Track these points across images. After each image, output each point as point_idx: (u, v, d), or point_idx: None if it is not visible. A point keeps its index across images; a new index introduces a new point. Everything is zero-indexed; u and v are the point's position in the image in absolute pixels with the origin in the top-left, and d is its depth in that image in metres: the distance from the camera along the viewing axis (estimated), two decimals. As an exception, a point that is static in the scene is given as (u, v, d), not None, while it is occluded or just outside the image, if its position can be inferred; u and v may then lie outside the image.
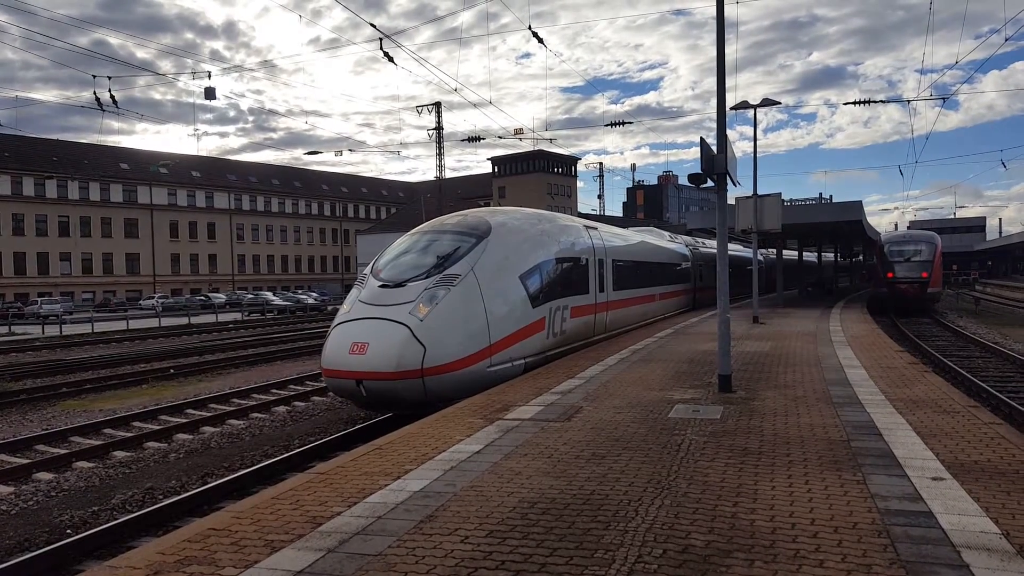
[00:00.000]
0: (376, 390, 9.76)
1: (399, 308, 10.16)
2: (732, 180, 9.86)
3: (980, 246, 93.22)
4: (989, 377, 15.39)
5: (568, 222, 15.72)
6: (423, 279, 10.72)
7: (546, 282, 12.67)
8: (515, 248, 12.29)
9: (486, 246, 11.57)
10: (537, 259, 12.58)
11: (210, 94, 27.91)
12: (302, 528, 4.60)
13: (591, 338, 15.52)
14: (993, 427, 6.83)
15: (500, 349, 10.92)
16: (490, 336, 10.69)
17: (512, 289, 11.65)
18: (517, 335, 11.45)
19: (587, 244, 15.40)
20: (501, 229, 12.33)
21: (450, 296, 10.40)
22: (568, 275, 13.92)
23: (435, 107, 57.91)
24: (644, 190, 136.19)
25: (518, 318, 11.56)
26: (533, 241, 13.05)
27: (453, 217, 13.41)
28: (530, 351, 11.97)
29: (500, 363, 10.94)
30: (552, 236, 13.90)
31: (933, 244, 31.27)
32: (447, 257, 11.23)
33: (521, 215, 14.05)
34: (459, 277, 10.75)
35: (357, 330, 10.14)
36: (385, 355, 9.63)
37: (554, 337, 12.99)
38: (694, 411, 7.89)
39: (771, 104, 22.13)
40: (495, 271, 11.35)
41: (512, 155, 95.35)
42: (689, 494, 5.03)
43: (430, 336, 9.81)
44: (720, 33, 9.49)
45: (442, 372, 9.83)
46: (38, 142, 70.81)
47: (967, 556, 3.85)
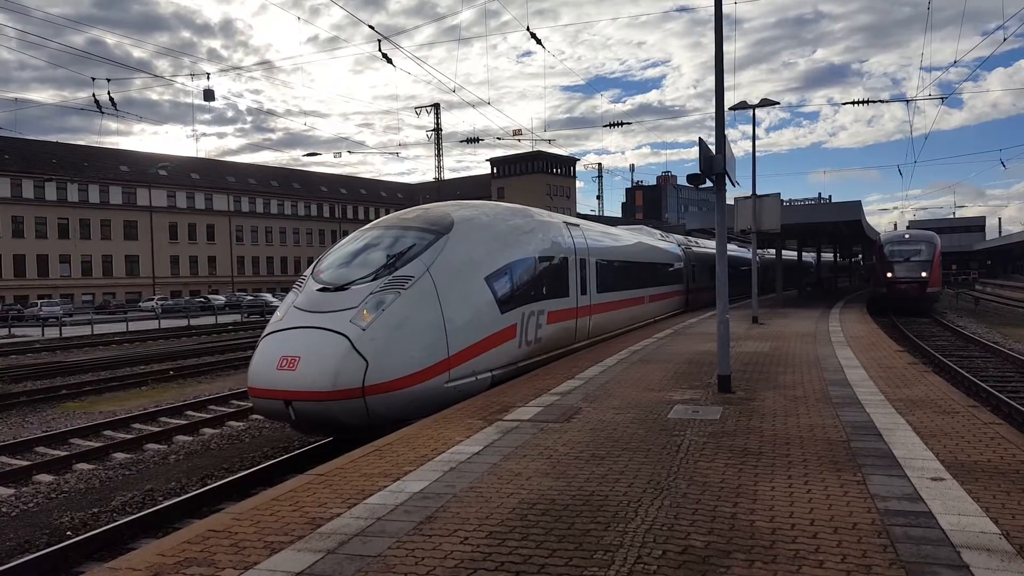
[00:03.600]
0: (308, 412, 8.49)
1: (339, 315, 8.88)
2: (731, 180, 9.86)
3: (979, 246, 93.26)
4: (989, 377, 15.39)
5: (546, 218, 14.49)
6: (369, 281, 9.43)
7: (518, 284, 11.45)
8: (481, 246, 11.07)
9: (446, 244, 10.28)
10: (507, 259, 11.35)
11: (209, 96, 27.93)
12: (301, 529, 4.60)
13: (572, 345, 14.45)
14: (993, 427, 6.83)
15: (461, 361, 9.65)
16: (448, 347, 9.42)
17: (476, 292, 10.39)
18: (482, 345, 10.19)
19: (567, 243, 14.27)
20: (465, 225, 11.12)
21: (400, 301, 9.13)
22: (545, 276, 12.74)
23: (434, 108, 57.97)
24: (643, 191, 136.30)
25: (483, 325, 10.31)
26: (503, 239, 11.84)
27: (413, 211, 12.13)
28: (499, 362, 10.73)
29: (461, 377, 9.67)
30: (526, 233, 12.77)
31: (932, 244, 31.29)
32: (399, 256, 9.94)
33: (490, 209, 12.87)
34: (411, 279, 9.47)
35: (287, 342, 8.81)
36: (319, 371, 8.32)
37: (528, 345, 11.81)
38: (693, 412, 7.89)
39: (770, 104, 22.12)
40: (456, 272, 10.11)
41: (511, 156, 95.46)
42: (688, 495, 5.03)
43: (374, 348, 8.55)
44: (718, 34, 9.50)
45: (388, 390, 8.56)
46: (37, 144, 70.81)
47: (967, 556, 3.84)
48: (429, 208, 12.16)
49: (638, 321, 20.26)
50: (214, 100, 28.34)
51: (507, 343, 10.95)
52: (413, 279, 9.48)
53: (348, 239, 11.31)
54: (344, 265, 10.15)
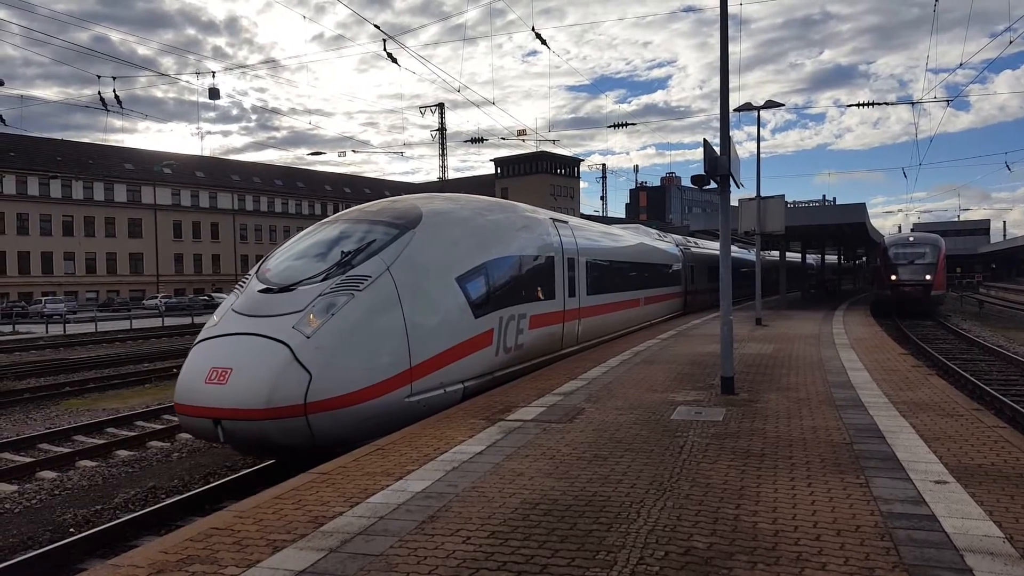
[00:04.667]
0: (239, 433, 7.44)
1: (280, 320, 7.89)
2: (735, 182, 9.85)
3: (984, 249, 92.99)
4: (993, 380, 15.35)
5: (530, 214, 13.52)
6: (319, 282, 8.47)
7: (495, 286, 10.50)
8: (453, 243, 10.07)
9: (411, 239, 9.30)
10: (483, 257, 10.38)
11: (214, 94, 27.96)
12: (304, 528, 4.60)
13: (559, 352, 13.46)
14: (997, 430, 6.81)
15: (426, 372, 8.68)
16: (411, 356, 8.43)
17: (446, 294, 9.42)
18: (452, 353, 9.21)
19: (554, 241, 13.35)
20: (435, 219, 10.12)
21: (353, 304, 8.15)
22: (527, 277, 11.80)
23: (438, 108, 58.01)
24: (647, 192, 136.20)
25: (454, 331, 9.34)
26: (479, 235, 10.91)
27: (380, 203, 11.13)
28: (472, 372, 9.75)
29: (426, 390, 8.69)
30: (506, 229, 11.87)
31: (937, 247, 31.22)
32: (356, 253, 8.95)
33: (466, 203, 11.84)
34: (368, 279, 8.48)
35: (219, 351, 7.86)
36: (251, 385, 7.31)
37: (506, 353, 10.84)
38: (696, 413, 7.88)
39: (775, 106, 22.10)
40: (422, 271, 9.16)
41: (515, 156, 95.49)
42: (691, 496, 5.03)
43: (320, 358, 7.56)
44: (723, 36, 9.49)
45: (336, 407, 7.56)
46: (43, 142, 70.99)
47: (970, 560, 3.83)
48: (397, 200, 11.20)
49: (633, 325, 19.42)
50: (219, 98, 28.39)
51: (482, 351, 9.98)
52: (370, 279, 8.50)
53: (302, 233, 10.33)
54: (293, 263, 9.20)
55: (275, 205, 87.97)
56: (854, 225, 27.53)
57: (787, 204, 21.64)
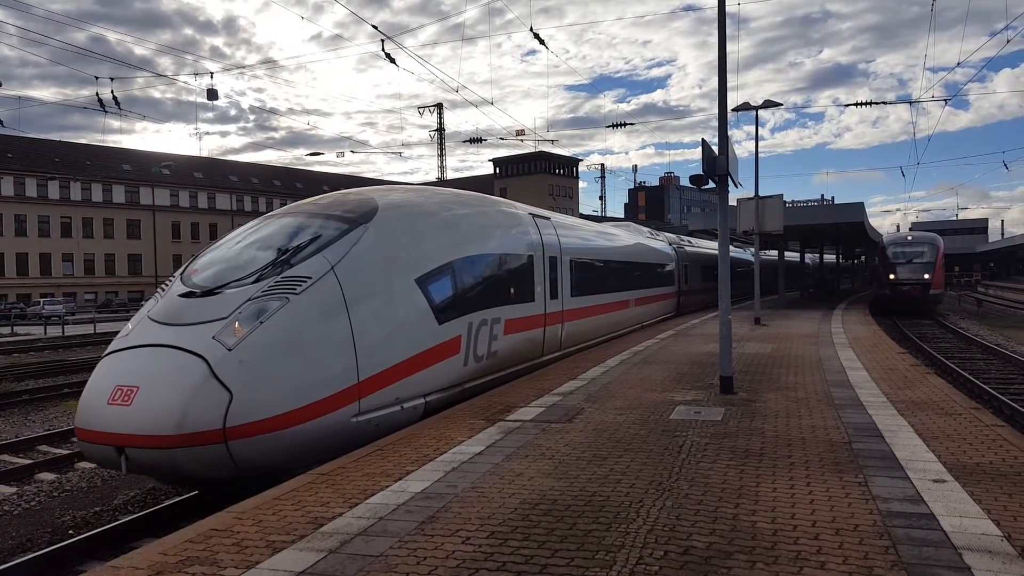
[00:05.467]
0: (145, 463, 6.46)
1: (200, 329, 6.90)
2: (734, 181, 9.86)
3: (982, 248, 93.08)
4: (991, 379, 15.38)
5: (506, 208, 12.58)
6: (250, 283, 7.49)
7: (464, 287, 9.63)
8: (413, 239, 9.10)
9: (362, 235, 8.35)
10: (450, 255, 9.46)
11: (212, 95, 27.91)
12: (304, 529, 4.61)
13: (540, 358, 12.59)
14: (995, 429, 6.83)
15: (378, 386, 7.74)
16: (359, 368, 7.47)
17: (404, 298, 8.49)
18: (411, 363, 8.28)
19: (533, 238, 12.46)
20: (392, 213, 9.17)
21: (288, 310, 7.15)
22: (502, 278, 10.90)
23: (436, 108, 57.98)
24: (646, 191, 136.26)
25: (413, 339, 8.42)
26: (445, 231, 9.97)
27: (332, 196, 10.11)
28: (436, 384, 8.83)
29: (378, 407, 7.75)
30: (477, 225, 10.92)
31: (935, 246, 31.26)
32: (297, 251, 7.98)
33: (430, 196, 10.87)
34: (307, 280, 7.50)
35: (126, 365, 6.87)
36: (159, 407, 6.31)
37: (477, 362, 9.92)
38: (696, 413, 7.89)
39: (773, 106, 22.11)
40: (375, 271, 8.22)
41: (514, 156, 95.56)
42: (690, 496, 5.04)
43: (243, 375, 6.58)
44: (721, 35, 9.50)
45: (263, 431, 6.55)
46: (41, 143, 70.96)
47: (968, 558, 3.85)
48: (351, 192, 10.18)
49: (623, 328, 18.54)
50: (217, 99, 28.33)
51: (448, 360, 9.09)
52: (310, 280, 7.52)
53: (241, 229, 9.32)
54: (223, 262, 8.20)
55: (274, 206, 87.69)
56: (852, 224, 27.56)
57: (786, 203, 21.68)
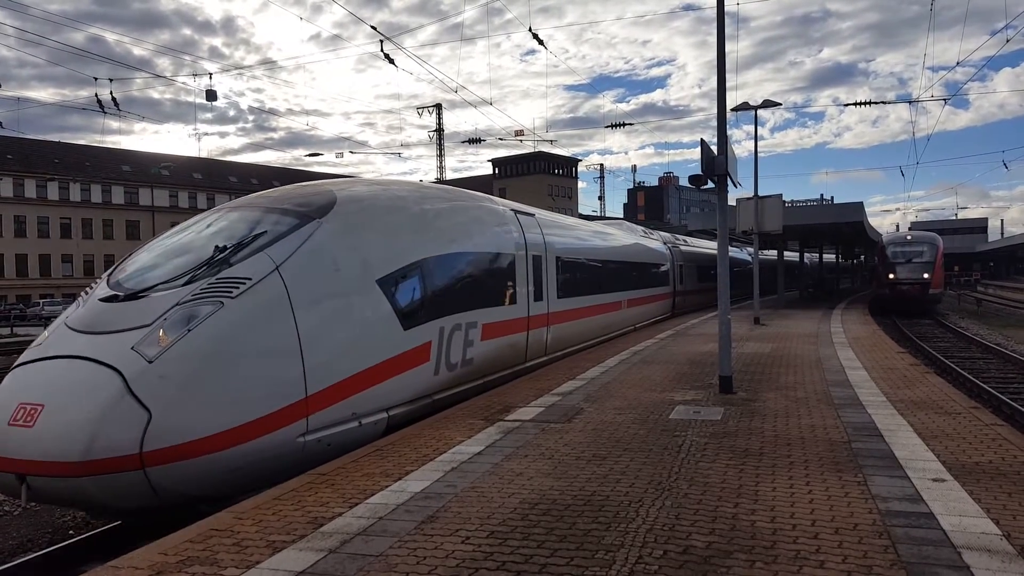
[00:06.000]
0: (49, 492, 5.74)
1: (118, 339, 6.11)
2: (733, 181, 9.87)
3: (982, 247, 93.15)
4: (991, 378, 15.38)
5: (486, 204, 11.83)
6: (181, 286, 6.67)
7: (435, 289, 8.87)
8: (376, 236, 8.36)
9: (314, 231, 7.55)
10: (418, 254, 8.68)
11: (211, 96, 27.94)
12: (304, 528, 4.61)
13: (524, 364, 11.84)
14: (994, 428, 6.83)
15: (330, 401, 6.96)
16: (307, 381, 6.67)
17: (363, 301, 7.72)
18: (371, 374, 7.52)
19: (515, 236, 11.71)
20: (352, 207, 8.40)
21: (221, 315, 6.34)
22: (479, 278, 10.16)
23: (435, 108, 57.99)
24: (645, 191, 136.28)
25: (373, 347, 7.66)
26: (413, 227, 9.09)
27: (286, 188, 9.40)
28: (401, 396, 8.08)
29: (330, 424, 6.97)
30: (450, 222, 10.10)
31: (935, 245, 31.27)
32: (238, 248, 7.16)
33: (398, 189, 9.98)
34: (246, 282, 6.67)
35: (33, 380, 6.07)
36: (64, 430, 5.55)
37: (450, 370, 9.16)
38: (695, 412, 7.90)
39: (772, 105, 22.12)
40: (328, 272, 7.43)
41: (513, 156, 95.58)
42: (690, 495, 5.04)
43: (165, 391, 5.83)
44: (720, 35, 9.51)
45: (188, 455, 5.77)
46: (40, 144, 70.95)
47: (968, 557, 3.85)
48: (309, 184, 9.46)
49: (614, 330, 17.77)
50: (216, 100, 28.37)
51: (415, 369, 8.33)
52: (249, 282, 6.69)
53: (180, 225, 8.51)
54: (154, 262, 7.41)
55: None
56: (852, 224, 27.57)
57: (785, 203, 21.69)
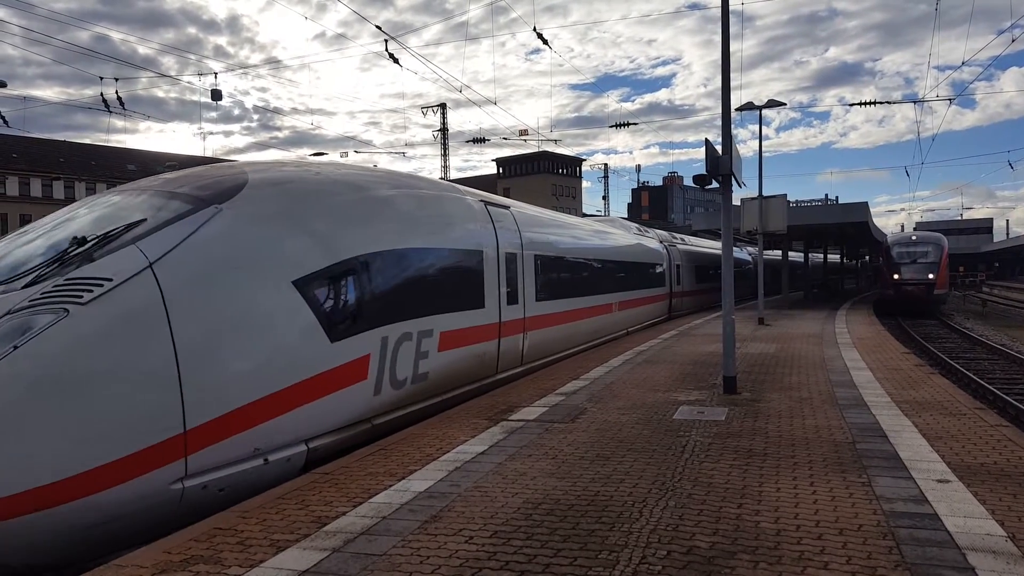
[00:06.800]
0: None
1: None
2: (737, 181, 9.86)
3: (987, 248, 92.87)
4: (996, 379, 15.35)
5: (448, 192, 10.38)
6: (20, 288, 5.42)
7: (374, 292, 7.52)
8: (294, 228, 6.87)
9: (208, 220, 6.13)
10: (351, 250, 7.29)
11: (216, 96, 27.97)
12: (307, 528, 4.61)
13: (494, 376, 10.51)
14: (999, 429, 6.81)
15: (222, 434, 5.58)
16: (186, 410, 5.29)
17: (273, 307, 6.27)
18: (282, 398, 6.10)
19: (485, 231, 10.43)
20: (266, 191, 6.99)
21: (64, 327, 5.01)
22: (435, 279, 8.84)
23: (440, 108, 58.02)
24: (649, 191, 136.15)
25: (287, 364, 6.24)
26: (346, 218, 7.63)
27: (193, 170, 7.98)
28: (327, 422, 6.73)
29: (223, 464, 5.62)
30: (399, 213, 8.54)
31: (940, 246, 31.18)
32: (103, 241, 5.79)
33: (331, 172, 8.38)
34: (104, 284, 5.33)
35: None
36: None
37: (397, 387, 7.81)
38: (699, 413, 7.89)
39: (777, 105, 22.11)
40: (222, 270, 6.02)
41: (517, 156, 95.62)
42: (693, 495, 5.03)
43: None
44: (725, 34, 9.50)
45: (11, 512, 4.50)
46: (45, 143, 71.15)
47: (972, 559, 3.84)
48: (221, 166, 8.20)
49: (604, 335, 16.53)
50: (221, 99, 28.40)
51: (347, 390, 6.96)
52: (108, 283, 5.33)
53: (55, 213, 7.26)
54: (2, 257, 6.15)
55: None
56: (856, 224, 27.51)
57: (790, 203, 21.65)
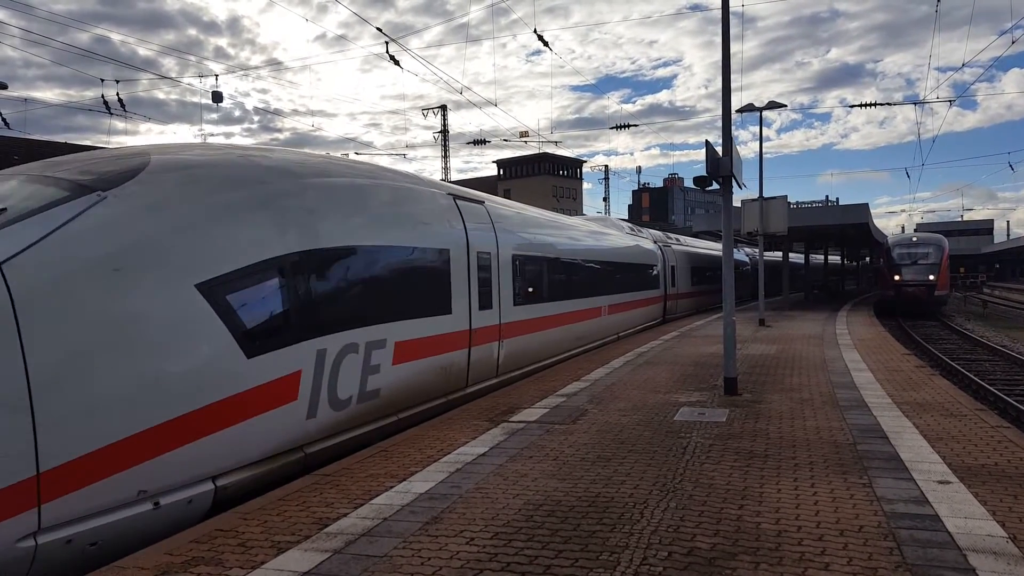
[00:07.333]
0: None
1: None
2: (738, 183, 9.86)
3: (988, 249, 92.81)
4: (996, 380, 15.34)
5: (408, 185, 8.98)
6: None
7: (308, 297, 6.48)
8: (199, 221, 5.75)
9: (85, 210, 5.16)
10: (277, 247, 6.19)
11: (217, 98, 28.01)
12: (308, 529, 4.62)
13: (463, 390, 9.50)
14: (1000, 430, 6.81)
15: (93, 475, 4.65)
16: (39, 447, 4.37)
17: (168, 316, 5.27)
18: (179, 427, 5.13)
19: (452, 228, 9.34)
20: (167, 178, 5.85)
21: None
22: (389, 282, 7.77)
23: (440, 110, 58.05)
24: (650, 193, 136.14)
25: (186, 385, 5.28)
26: (270, 212, 6.35)
27: (95, 152, 7.12)
28: (242, 454, 5.72)
29: (93, 514, 4.69)
30: (341, 205, 7.31)
31: (940, 247, 31.18)
32: None
33: (259, 157, 7.14)
34: None
35: None
36: None
37: (337, 408, 6.78)
38: (699, 414, 7.89)
39: (777, 107, 22.10)
40: (99, 272, 4.99)
41: (518, 158, 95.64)
42: (694, 497, 5.04)
43: None
44: (725, 35, 9.50)
45: None
46: (46, 145, 71.03)
47: (973, 560, 3.84)
48: (123, 148, 7.13)
49: (592, 340, 15.63)
50: (222, 101, 28.43)
51: (269, 414, 5.91)
52: None
53: None
54: None
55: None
56: (857, 226, 27.52)
57: (790, 205, 21.65)
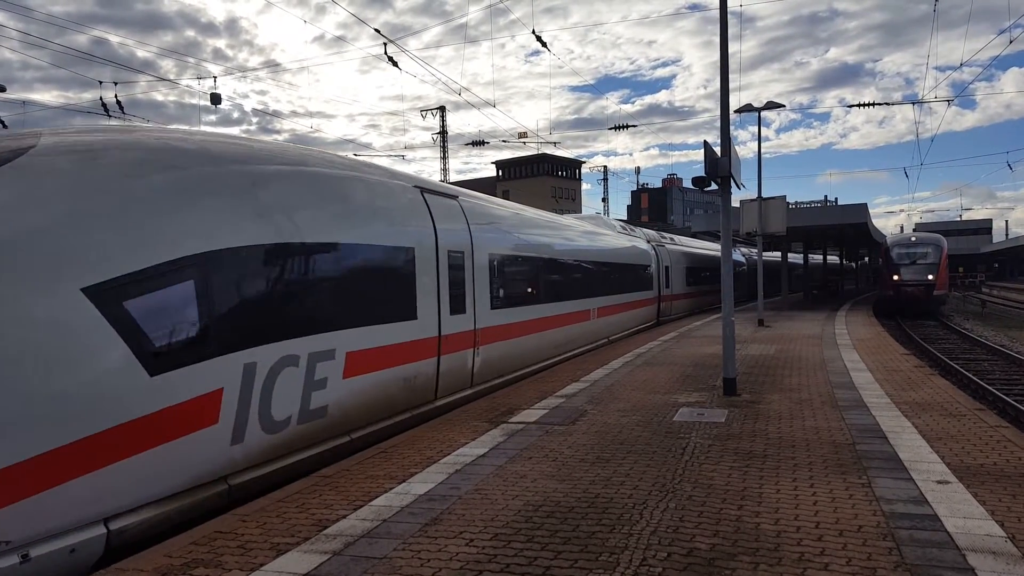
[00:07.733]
0: None
1: None
2: (736, 183, 9.87)
3: (987, 248, 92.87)
4: (995, 380, 15.34)
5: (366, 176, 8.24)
6: None
7: (233, 302, 5.80)
8: (89, 214, 5.05)
9: None
10: (193, 244, 5.49)
11: (216, 100, 27.97)
12: (308, 531, 4.62)
13: (433, 403, 8.78)
14: (999, 430, 6.82)
15: None
16: None
17: (43, 327, 4.54)
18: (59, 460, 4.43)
19: (419, 225, 8.65)
20: (52, 163, 5.15)
21: None
22: (339, 285, 7.08)
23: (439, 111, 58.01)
24: (649, 193, 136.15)
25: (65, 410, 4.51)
26: (181, 200, 5.64)
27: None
28: (146, 490, 5.02)
29: None
30: (280, 197, 6.57)
31: (939, 247, 31.19)
32: None
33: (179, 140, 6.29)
34: None
35: None
36: None
37: (271, 431, 6.09)
38: (699, 414, 7.89)
39: (775, 107, 22.10)
40: None
41: (517, 159, 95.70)
42: (694, 497, 5.04)
43: None
44: (723, 35, 9.51)
45: None
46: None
47: (972, 559, 3.84)
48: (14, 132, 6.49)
49: (580, 345, 14.98)
50: (220, 103, 28.41)
51: (181, 440, 5.23)
52: None
53: None
54: None
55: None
56: (856, 225, 27.53)
57: (789, 205, 21.65)
